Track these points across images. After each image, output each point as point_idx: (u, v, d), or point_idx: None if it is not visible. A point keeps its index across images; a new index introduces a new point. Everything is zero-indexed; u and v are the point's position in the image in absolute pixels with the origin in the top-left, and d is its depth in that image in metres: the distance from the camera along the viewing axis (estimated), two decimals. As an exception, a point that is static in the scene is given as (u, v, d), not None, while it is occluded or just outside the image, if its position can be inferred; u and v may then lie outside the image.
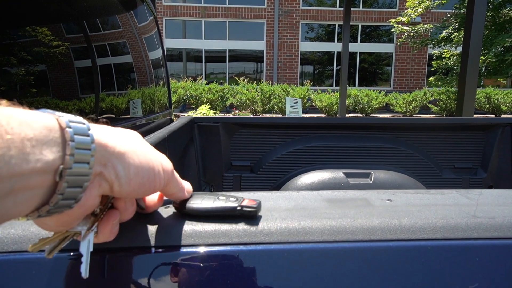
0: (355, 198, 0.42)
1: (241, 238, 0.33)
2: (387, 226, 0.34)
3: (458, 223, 0.35)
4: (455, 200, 0.40)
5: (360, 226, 0.34)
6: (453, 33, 10.78)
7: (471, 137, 2.03)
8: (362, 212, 0.37)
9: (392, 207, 0.38)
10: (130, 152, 0.31)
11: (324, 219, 0.35)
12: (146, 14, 1.78)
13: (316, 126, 1.98)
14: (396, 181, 1.85)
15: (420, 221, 0.35)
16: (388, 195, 0.42)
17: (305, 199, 0.41)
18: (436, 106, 12.39)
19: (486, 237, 0.34)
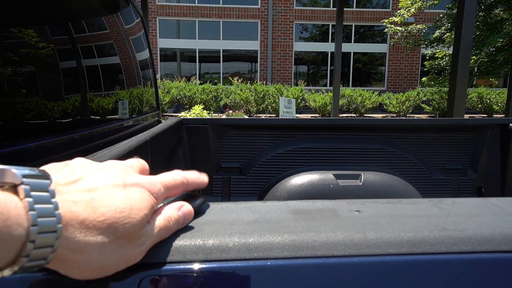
0: (323, 209, 0.40)
1: (195, 255, 0.31)
2: (351, 240, 0.33)
3: (426, 236, 0.33)
4: (426, 211, 0.39)
5: (323, 240, 0.33)
6: (446, 33, 10.86)
7: (460, 138, 2.03)
8: (327, 225, 0.35)
9: (360, 219, 0.37)
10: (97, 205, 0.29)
11: (285, 233, 0.33)
12: (132, 16, 1.76)
13: (306, 127, 1.97)
14: (386, 183, 1.85)
15: (387, 234, 0.34)
16: (357, 206, 0.41)
17: (270, 211, 0.39)
18: (429, 106, 12.47)
19: (454, 251, 0.33)
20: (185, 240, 0.33)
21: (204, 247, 0.32)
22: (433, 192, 2.06)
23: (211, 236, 0.33)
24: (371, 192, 1.82)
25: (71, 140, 0.90)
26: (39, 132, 0.80)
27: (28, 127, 0.77)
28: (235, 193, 1.97)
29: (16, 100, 0.78)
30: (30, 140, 0.73)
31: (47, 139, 0.79)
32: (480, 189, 2.06)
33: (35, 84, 0.89)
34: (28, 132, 0.76)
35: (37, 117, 0.82)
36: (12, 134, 0.70)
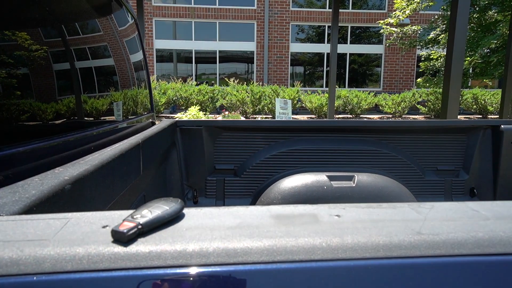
0: (303, 214, 0.41)
1: (176, 260, 0.32)
2: (329, 245, 0.33)
3: (402, 241, 0.34)
4: (404, 215, 0.40)
5: (301, 245, 0.33)
6: (441, 34, 10.92)
7: (453, 139, 2.05)
8: (306, 229, 0.36)
9: (339, 224, 0.37)
10: None
11: (265, 238, 0.34)
12: (126, 18, 1.76)
13: (299, 129, 1.98)
14: (379, 184, 1.86)
15: (363, 239, 0.34)
16: (338, 210, 0.41)
17: (252, 216, 0.40)
18: (425, 106, 12.53)
19: (429, 254, 0.33)
20: (165, 245, 0.33)
21: (184, 253, 0.32)
22: (426, 193, 2.08)
23: (192, 241, 0.33)
24: (365, 194, 1.83)
25: (62, 143, 0.90)
26: (28, 136, 0.80)
27: (18, 130, 0.77)
28: (229, 195, 1.97)
29: (8, 102, 0.78)
30: (18, 144, 0.73)
31: (37, 143, 0.79)
32: (473, 190, 2.08)
33: (28, 86, 0.89)
34: (17, 135, 0.76)
35: (28, 120, 0.82)
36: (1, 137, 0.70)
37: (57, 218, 0.39)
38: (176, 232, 0.36)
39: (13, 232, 0.36)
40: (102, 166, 0.72)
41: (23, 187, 0.52)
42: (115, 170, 0.81)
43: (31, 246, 0.33)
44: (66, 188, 0.56)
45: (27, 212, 0.45)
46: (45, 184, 0.54)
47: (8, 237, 0.35)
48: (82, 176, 0.62)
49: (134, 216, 0.36)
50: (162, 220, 0.37)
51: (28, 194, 0.49)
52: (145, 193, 1.26)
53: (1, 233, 0.36)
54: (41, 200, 0.49)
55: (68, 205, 0.57)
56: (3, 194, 0.49)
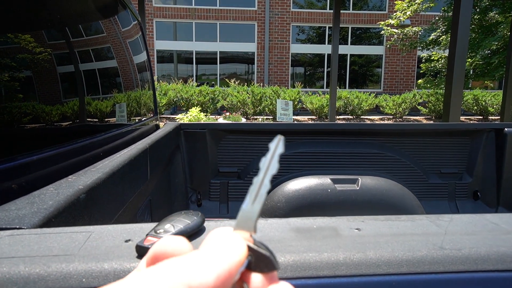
0: (323, 227, 0.40)
1: None
2: (352, 260, 0.33)
3: (425, 256, 0.34)
4: (424, 229, 0.39)
5: (325, 260, 0.33)
6: (441, 35, 10.92)
7: (456, 142, 2.05)
8: (328, 244, 0.35)
9: (360, 238, 0.37)
10: None
11: (288, 253, 0.34)
12: (129, 19, 1.76)
13: (303, 132, 1.98)
14: (383, 187, 1.85)
15: (386, 254, 0.34)
16: (357, 223, 0.41)
17: (272, 229, 0.39)
18: (425, 107, 12.53)
19: (452, 270, 0.33)
20: None
21: None
22: (429, 196, 2.07)
23: None
24: (368, 197, 1.83)
25: (71, 150, 0.90)
26: (37, 143, 0.79)
27: (25, 137, 0.76)
28: (233, 198, 1.97)
29: (12, 105, 0.77)
30: (27, 154, 0.73)
31: (47, 151, 0.79)
32: (476, 193, 2.08)
33: (32, 89, 0.89)
34: (23, 143, 0.75)
35: (35, 126, 0.82)
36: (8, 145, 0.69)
37: (79, 232, 0.39)
38: (197, 247, 0.35)
39: (38, 246, 0.36)
40: (113, 173, 0.71)
41: (39, 198, 0.52)
42: (125, 177, 0.80)
43: (57, 261, 0.33)
44: (81, 197, 0.55)
45: (46, 224, 0.45)
46: (61, 194, 0.54)
47: (33, 252, 0.34)
48: (95, 185, 0.62)
49: (157, 231, 0.36)
50: (185, 234, 0.37)
51: (46, 205, 0.49)
52: (151, 198, 1.26)
53: (26, 248, 0.35)
54: (58, 210, 0.48)
55: (82, 215, 0.57)
56: (21, 205, 0.49)
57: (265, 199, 0.26)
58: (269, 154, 0.27)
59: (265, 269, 0.24)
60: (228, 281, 0.22)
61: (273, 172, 0.27)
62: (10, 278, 0.30)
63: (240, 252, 0.23)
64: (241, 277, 0.24)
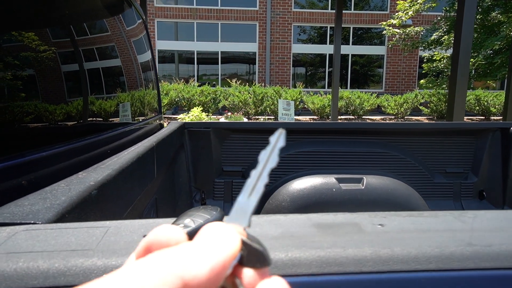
0: (345, 223, 0.39)
1: None
2: (379, 256, 0.32)
3: (453, 252, 0.33)
4: (449, 225, 0.38)
5: (351, 256, 0.32)
6: (443, 35, 10.91)
7: (462, 142, 2.04)
8: (353, 240, 0.35)
9: (384, 234, 0.36)
10: None
11: (312, 249, 0.33)
12: (134, 18, 1.75)
13: (308, 131, 1.97)
14: (388, 187, 1.85)
15: (414, 250, 0.33)
16: (379, 219, 0.40)
17: (294, 225, 0.38)
18: (427, 108, 12.51)
19: (483, 267, 0.32)
20: None
21: None
22: (435, 196, 2.06)
23: None
24: (374, 196, 1.82)
25: (76, 148, 0.89)
26: (41, 141, 0.79)
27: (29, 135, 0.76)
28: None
29: (14, 104, 0.77)
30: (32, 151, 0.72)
31: (55, 148, 0.78)
32: (482, 192, 2.07)
33: (35, 87, 0.88)
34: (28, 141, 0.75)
35: (40, 124, 0.81)
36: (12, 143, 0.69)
37: (96, 227, 0.38)
38: None
39: (55, 241, 0.35)
40: (122, 170, 0.71)
41: (51, 193, 0.51)
42: (133, 174, 0.80)
43: (75, 256, 0.32)
44: (93, 193, 0.55)
45: (60, 219, 0.44)
46: (72, 190, 0.53)
47: (51, 247, 0.34)
48: (106, 181, 0.61)
49: (177, 225, 0.35)
50: None
51: (58, 201, 0.48)
52: (156, 196, 1.25)
53: (43, 243, 0.35)
54: (71, 206, 0.48)
55: (94, 211, 0.56)
56: (34, 201, 0.48)
57: (262, 192, 0.25)
58: (269, 147, 0.26)
59: (258, 264, 0.23)
60: (221, 274, 0.21)
61: (272, 166, 0.26)
62: (29, 273, 0.30)
63: (233, 246, 0.23)
64: (233, 271, 0.23)
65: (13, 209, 0.45)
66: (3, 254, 0.32)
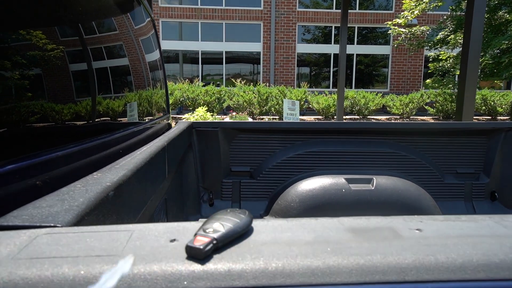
0: (380, 227, 0.37)
1: (258, 281, 0.29)
2: (422, 264, 0.30)
3: (503, 260, 0.31)
4: (492, 230, 0.36)
5: (392, 264, 0.30)
6: (449, 35, 10.82)
7: (473, 142, 2.00)
8: (392, 246, 0.32)
9: (424, 239, 0.34)
10: None
11: (351, 255, 0.31)
12: (143, 16, 1.73)
13: (316, 131, 1.95)
14: (398, 187, 1.82)
15: (459, 258, 0.31)
16: (416, 223, 0.38)
17: (326, 229, 0.36)
18: (433, 107, 12.42)
19: None
20: (245, 263, 0.30)
21: (267, 272, 0.29)
22: (445, 197, 2.03)
23: (273, 258, 0.30)
24: (384, 197, 1.79)
25: (90, 147, 0.88)
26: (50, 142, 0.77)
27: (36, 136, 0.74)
28: (245, 197, 1.94)
29: (21, 104, 0.75)
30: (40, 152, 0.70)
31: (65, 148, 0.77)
32: (494, 193, 2.03)
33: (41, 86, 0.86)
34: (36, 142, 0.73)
35: (47, 124, 0.80)
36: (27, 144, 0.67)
37: (119, 230, 0.36)
38: (252, 247, 0.32)
39: (79, 246, 0.33)
40: (137, 170, 0.69)
41: (69, 194, 0.50)
42: (147, 174, 0.78)
43: (101, 262, 0.30)
44: (110, 194, 0.53)
45: (80, 222, 0.43)
46: (89, 191, 0.51)
47: (75, 252, 0.32)
48: (122, 182, 0.60)
49: (206, 230, 0.33)
50: (235, 234, 0.34)
51: (77, 202, 0.46)
52: (166, 197, 1.24)
53: (67, 248, 0.33)
54: (90, 208, 0.46)
55: (111, 213, 0.54)
56: (52, 202, 0.46)
57: None
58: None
59: None
60: None
61: None
62: (53, 280, 0.28)
63: None
64: None
65: (31, 211, 0.43)
66: (26, 260, 0.30)
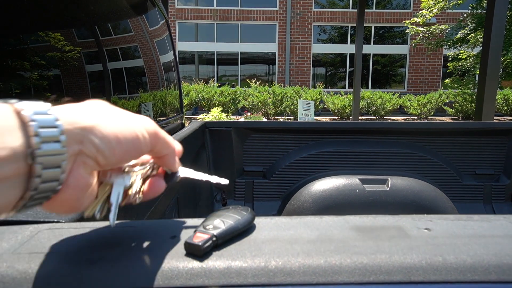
0: (387, 226, 0.36)
1: (257, 279, 0.28)
2: (429, 264, 0.29)
3: None
4: (505, 230, 0.35)
5: (398, 264, 0.29)
6: (470, 33, 10.55)
7: (493, 142, 1.95)
8: (398, 245, 0.32)
9: (432, 239, 0.33)
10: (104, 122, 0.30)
11: (354, 254, 0.30)
12: (157, 18, 1.76)
13: (330, 130, 1.93)
14: (414, 188, 1.78)
15: (469, 258, 0.30)
16: (424, 222, 0.37)
17: (330, 227, 0.36)
18: (452, 108, 12.13)
19: None
20: (244, 260, 0.30)
21: (267, 270, 0.29)
22: (463, 198, 1.98)
23: (273, 256, 0.30)
24: (400, 198, 1.76)
25: None
26: None
27: None
28: (258, 197, 1.94)
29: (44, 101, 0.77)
30: None
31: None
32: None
33: (60, 87, 0.88)
34: None
35: None
36: None
37: (121, 227, 0.36)
38: (252, 245, 0.32)
39: (79, 241, 0.33)
40: None
41: None
42: None
43: (102, 256, 0.30)
44: None
45: (82, 219, 0.43)
46: None
47: (74, 247, 0.32)
48: None
49: (206, 227, 0.33)
50: (236, 231, 0.34)
51: None
52: (178, 196, 1.25)
53: (67, 241, 0.33)
54: None
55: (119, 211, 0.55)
56: None
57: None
58: None
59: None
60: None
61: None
62: (51, 275, 0.28)
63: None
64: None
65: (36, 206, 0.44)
66: (26, 254, 0.31)
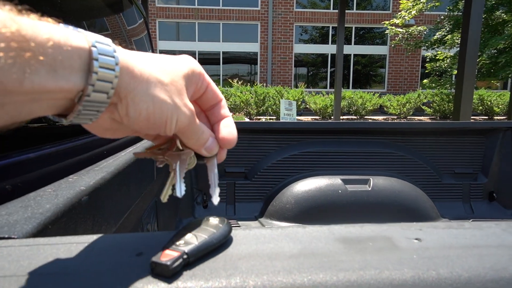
0: (375, 237, 0.34)
1: None
2: (422, 280, 0.27)
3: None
4: (499, 239, 0.33)
5: (388, 280, 0.27)
6: (447, 35, 10.83)
7: (471, 141, 1.98)
8: (388, 258, 0.29)
9: (424, 251, 0.31)
10: (151, 89, 0.32)
11: (341, 271, 0.27)
12: (135, 16, 1.70)
13: (312, 131, 1.92)
14: (396, 188, 1.79)
15: (464, 272, 0.28)
16: (414, 232, 0.35)
17: (314, 239, 0.33)
18: (430, 108, 12.43)
19: None
20: (218, 281, 0.27)
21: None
22: (443, 197, 2.01)
23: (250, 275, 0.27)
24: (381, 198, 1.77)
25: (70, 148, 0.84)
26: (38, 140, 0.73)
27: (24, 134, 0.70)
28: (240, 199, 1.91)
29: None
30: (28, 150, 0.67)
31: (47, 148, 0.73)
32: (492, 193, 2.01)
33: None
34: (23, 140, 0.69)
35: (34, 122, 0.76)
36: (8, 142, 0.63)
37: (80, 243, 0.32)
38: (228, 262, 0.29)
39: (29, 261, 0.29)
40: (118, 173, 0.66)
41: (35, 200, 0.46)
42: (131, 177, 0.74)
43: (51, 283, 0.26)
44: (83, 200, 0.49)
45: (42, 232, 0.39)
46: (60, 196, 0.47)
47: (23, 269, 0.28)
48: (99, 185, 0.56)
49: (176, 243, 0.30)
50: (210, 246, 0.30)
51: (42, 209, 0.42)
52: (156, 199, 1.20)
53: (15, 263, 0.29)
54: (56, 215, 0.42)
55: (85, 219, 0.51)
56: (13, 210, 0.42)
57: None
58: None
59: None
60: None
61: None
62: None
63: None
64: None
65: None
66: None
